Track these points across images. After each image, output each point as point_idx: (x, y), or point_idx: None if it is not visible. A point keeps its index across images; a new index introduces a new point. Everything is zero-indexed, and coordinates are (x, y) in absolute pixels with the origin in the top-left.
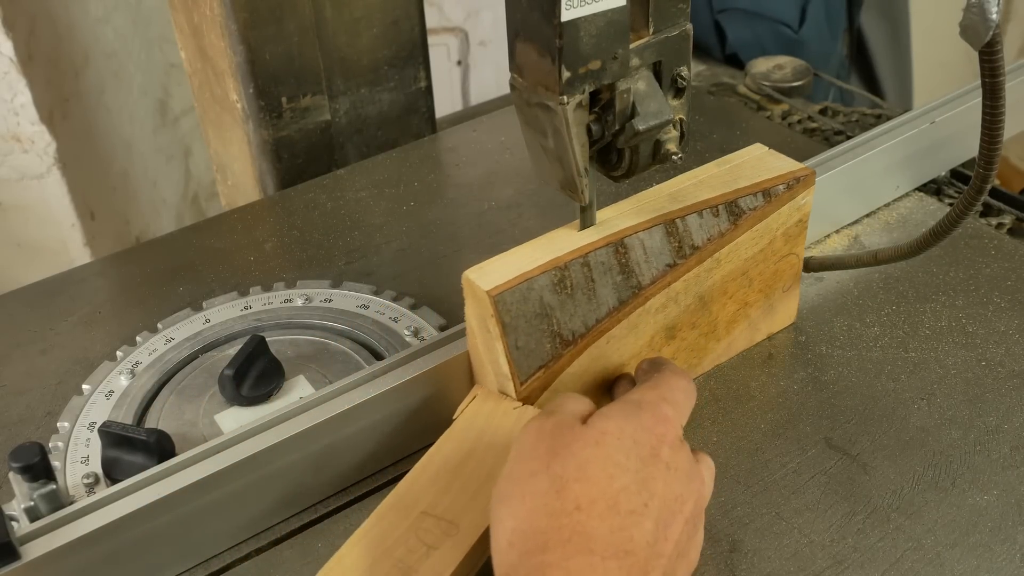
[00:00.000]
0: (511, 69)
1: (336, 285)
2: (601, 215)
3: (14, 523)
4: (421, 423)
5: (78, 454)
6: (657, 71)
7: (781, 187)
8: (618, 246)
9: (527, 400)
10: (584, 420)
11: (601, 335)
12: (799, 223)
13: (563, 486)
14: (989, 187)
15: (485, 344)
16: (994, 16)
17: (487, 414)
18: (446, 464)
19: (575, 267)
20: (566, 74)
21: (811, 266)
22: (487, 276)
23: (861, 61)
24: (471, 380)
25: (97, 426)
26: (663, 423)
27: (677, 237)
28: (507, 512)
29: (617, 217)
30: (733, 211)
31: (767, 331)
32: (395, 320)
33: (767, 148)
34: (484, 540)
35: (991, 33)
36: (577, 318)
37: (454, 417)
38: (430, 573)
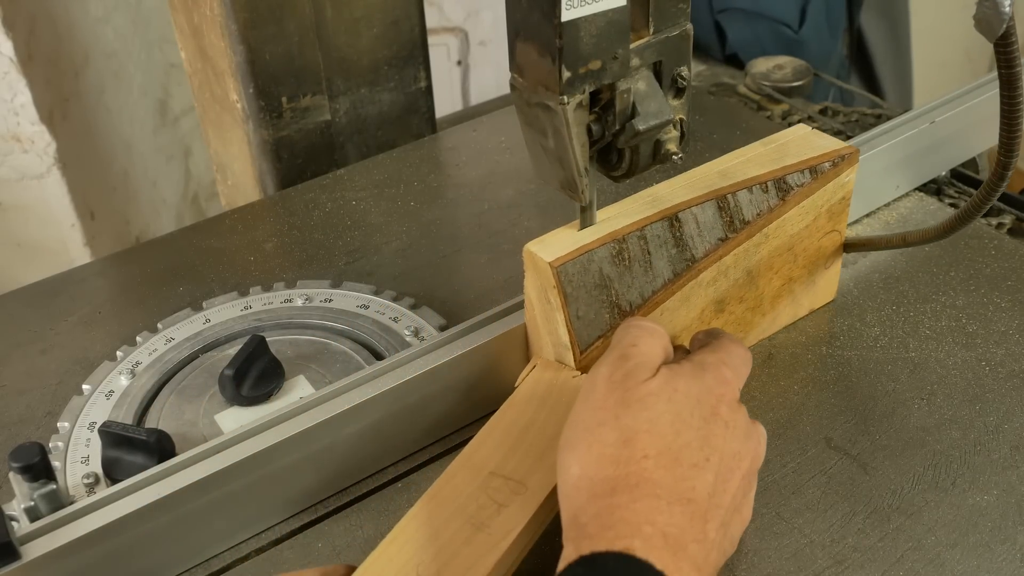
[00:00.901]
0: (511, 69)
1: (336, 285)
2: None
3: (14, 523)
4: (421, 423)
5: (78, 454)
6: (657, 71)
7: (827, 164)
8: (673, 220)
9: (585, 370)
10: (655, 370)
11: (656, 307)
12: (842, 200)
13: (632, 437)
14: (1010, 173)
15: (544, 315)
16: (1007, 8)
17: (547, 382)
18: (510, 430)
19: (632, 240)
20: (566, 74)
21: (846, 245)
22: (548, 248)
23: (861, 61)
24: (470, 379)
25: (97, 426)
26: (723, 384)
27: (728, 212)
28: (574, 459)
29: (670, 193)
30: (781, 187)
31: (809, 306)
32: (395, 320)
33: (811, 128)
34: (552, 498)
35: (1005, 25)
36: (634, 289)
37: (515, 385)
38: (501, 529)
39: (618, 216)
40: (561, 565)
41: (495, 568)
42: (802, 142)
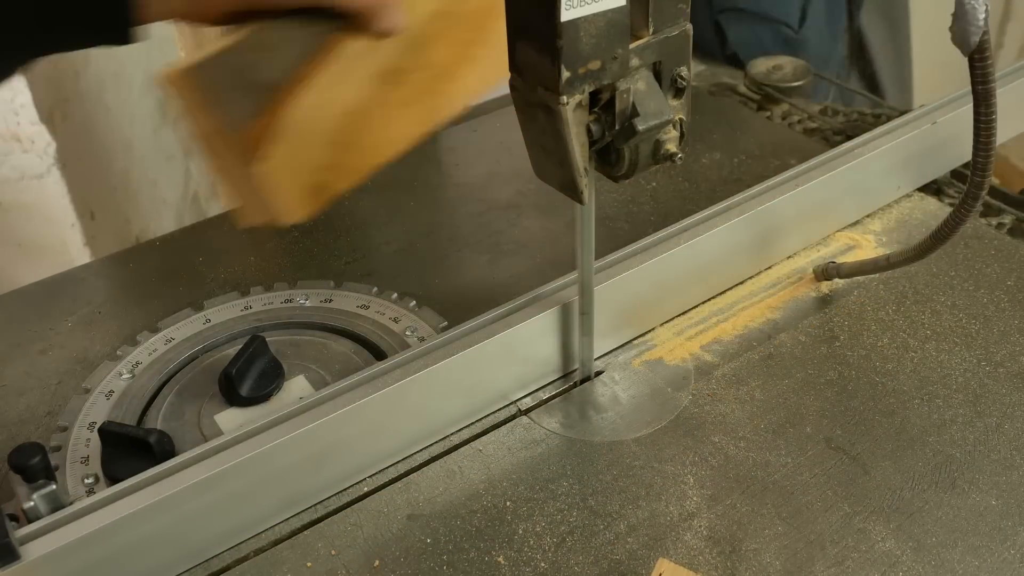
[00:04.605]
0: (511, 69)
1: (336, 285)
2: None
3: (14, 523)
4: (420, 423)
5: (78, 454)
6: (657, 71)
7: None
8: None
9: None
10: None
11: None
12: None
13: None
14: (985, 193)
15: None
16: (982, 22)
17: None
18: None
19: (264, 30)
20: (566, 74)
21: (842, 272)
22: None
23: (861, 61)
24: (469, 379)
25: (97, 426)
26: None
27: None
28: None
29: None
30: None
31: (503, 72)
32: (395, 320)
33: None
34: None
35: (979, 38)
36: (276, 70)
37: None
38: None
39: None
40: None
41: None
42: None
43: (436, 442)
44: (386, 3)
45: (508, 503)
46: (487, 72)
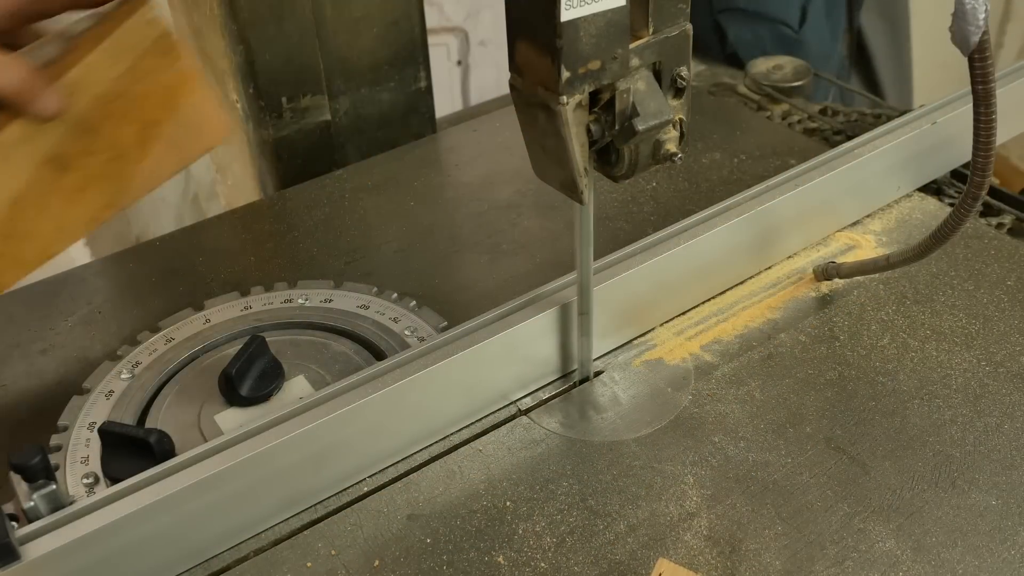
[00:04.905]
0: (511, 69)
1: (336, 285)
2: None
3: (14, 523)
4: (420, 423)
5: (78, 454)
6: (657, 71)
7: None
8: None
9: None
10: None
11: None
12: (162, 38)
13: None
14: (985, 193)
15: None
16: (982, 22)
17: None
18: None
19: None
20: (566, 74)
21: (842, 272)
22: None
23: (861, 61)
24: (469, 379)
25: (97, 426)
26: None
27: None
28: None
29: None
30: (64, 35)
31: (203, 147)
32: (395, 320)
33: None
34: None
35: (979, 38)
36: None
37: None
38: None
39: None
40: None
41: None
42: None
43: (436, 442)
44: (34, 87)
45: (508, 503)
46: (181, 150)
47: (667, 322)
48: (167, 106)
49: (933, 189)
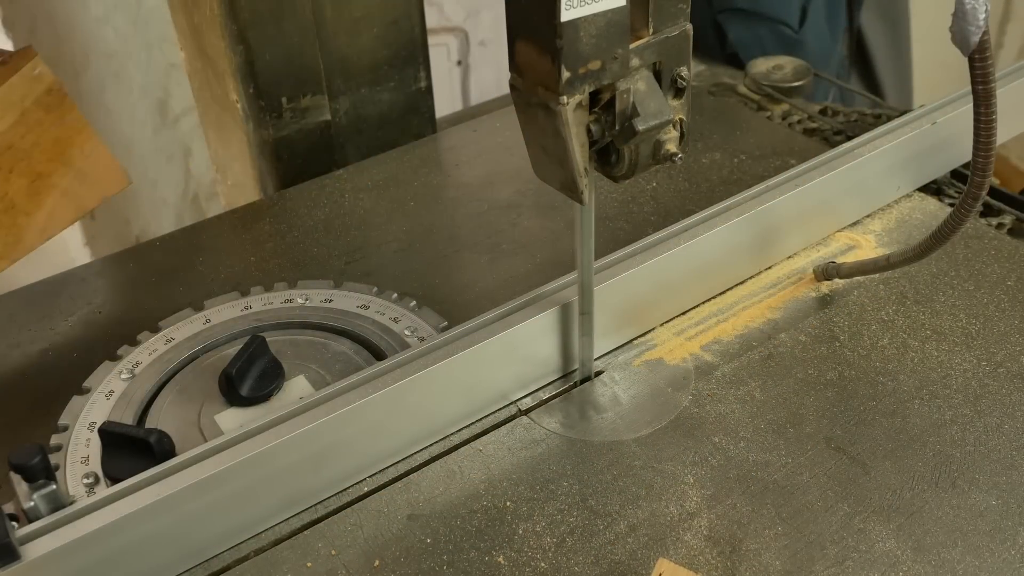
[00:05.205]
0: (511, 69)
1: (336, 285)
2: None
3: (14, 523)
4: (420, 423)
5: (78, 454)
6: (657, 71)
7: None
8: None
9: None
10: None
11: None
12: (51, 92)
13: None
14: (985, 193)
15: None
16: (982, 22)
17: None
18: None
19: None
20: (566, 74)
21: (842, 272)
22: None
23: (861, 61)
24: (469, 379)
25: (97, 426)
26: None
27: None
28: None
29: None
30: None
31: (100, 194)
32: (395, 320)
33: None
34: None
35: (979, 38)
36: None
37: None
38: None
39: None
40: None
41: None
42: None
43: (436, 442)
44: None
45: (508, 503)
46: (77, 200)
47: (667, 322)
48: (58, 158)
49: (933, 189)
